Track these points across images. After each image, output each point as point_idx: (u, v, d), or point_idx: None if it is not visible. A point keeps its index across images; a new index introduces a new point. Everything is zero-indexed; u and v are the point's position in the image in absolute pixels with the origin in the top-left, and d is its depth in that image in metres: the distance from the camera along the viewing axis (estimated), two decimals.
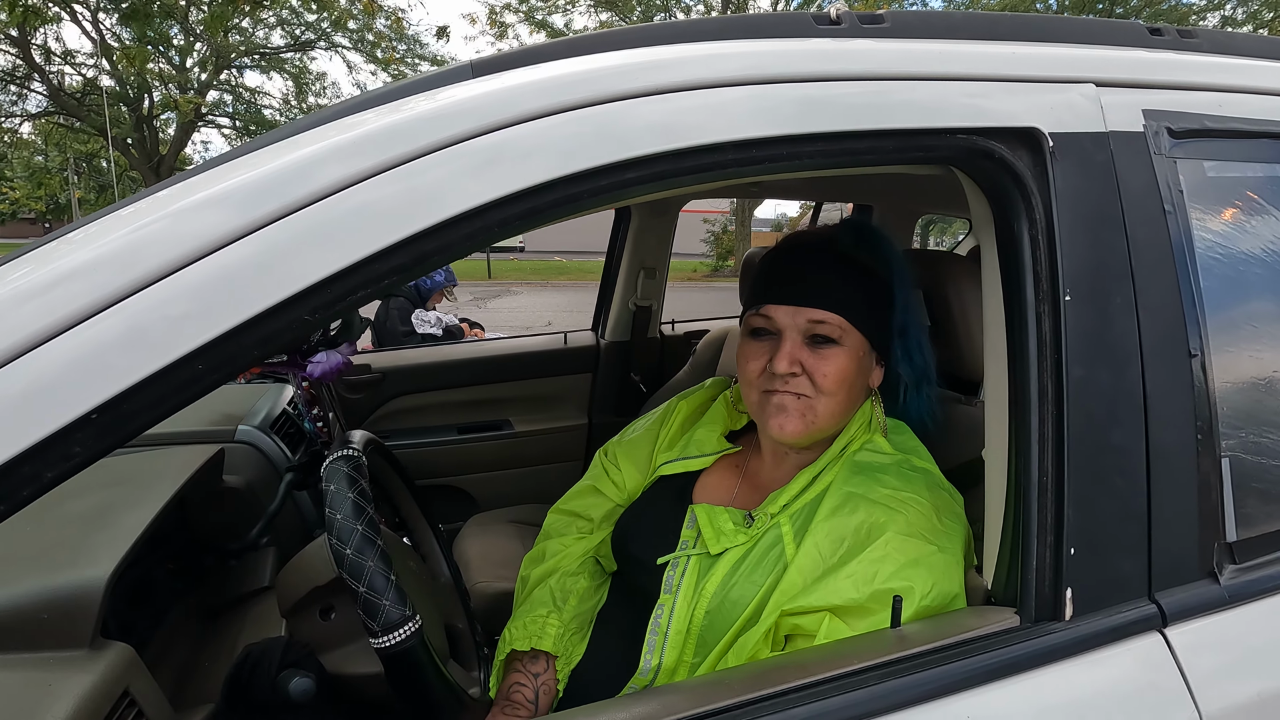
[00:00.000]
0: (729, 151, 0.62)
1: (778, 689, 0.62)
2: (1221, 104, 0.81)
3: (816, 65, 0.66)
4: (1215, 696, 0.68)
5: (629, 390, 2.34)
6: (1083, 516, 0.68)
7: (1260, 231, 0.81)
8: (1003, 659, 0.65)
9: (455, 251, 0.56)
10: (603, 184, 0.59)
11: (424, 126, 0.55)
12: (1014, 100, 0.71)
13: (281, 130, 0.60)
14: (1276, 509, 0.78)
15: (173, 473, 1.00)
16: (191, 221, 0.50)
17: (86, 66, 13.84)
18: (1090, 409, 0.69)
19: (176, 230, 0.50)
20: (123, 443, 0.48)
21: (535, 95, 0.58)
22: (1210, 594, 0.72)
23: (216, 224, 0.50)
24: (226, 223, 0.50)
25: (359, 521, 0.78)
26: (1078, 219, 0.70)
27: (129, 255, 0.48)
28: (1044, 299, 0.69)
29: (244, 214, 0.50)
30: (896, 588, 0.75)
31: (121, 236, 0.50)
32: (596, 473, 1.11)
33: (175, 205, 0.52)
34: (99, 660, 0.68)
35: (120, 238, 0.50)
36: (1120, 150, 0.73)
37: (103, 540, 0.82)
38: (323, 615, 0.87)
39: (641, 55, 0.63)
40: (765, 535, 0.86)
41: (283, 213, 0.51)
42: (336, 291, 0.53)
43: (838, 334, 0.87)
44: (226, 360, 0.50)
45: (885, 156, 0.69)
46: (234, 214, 0.50)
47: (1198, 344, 0.73)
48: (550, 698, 0.94)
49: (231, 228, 0.50)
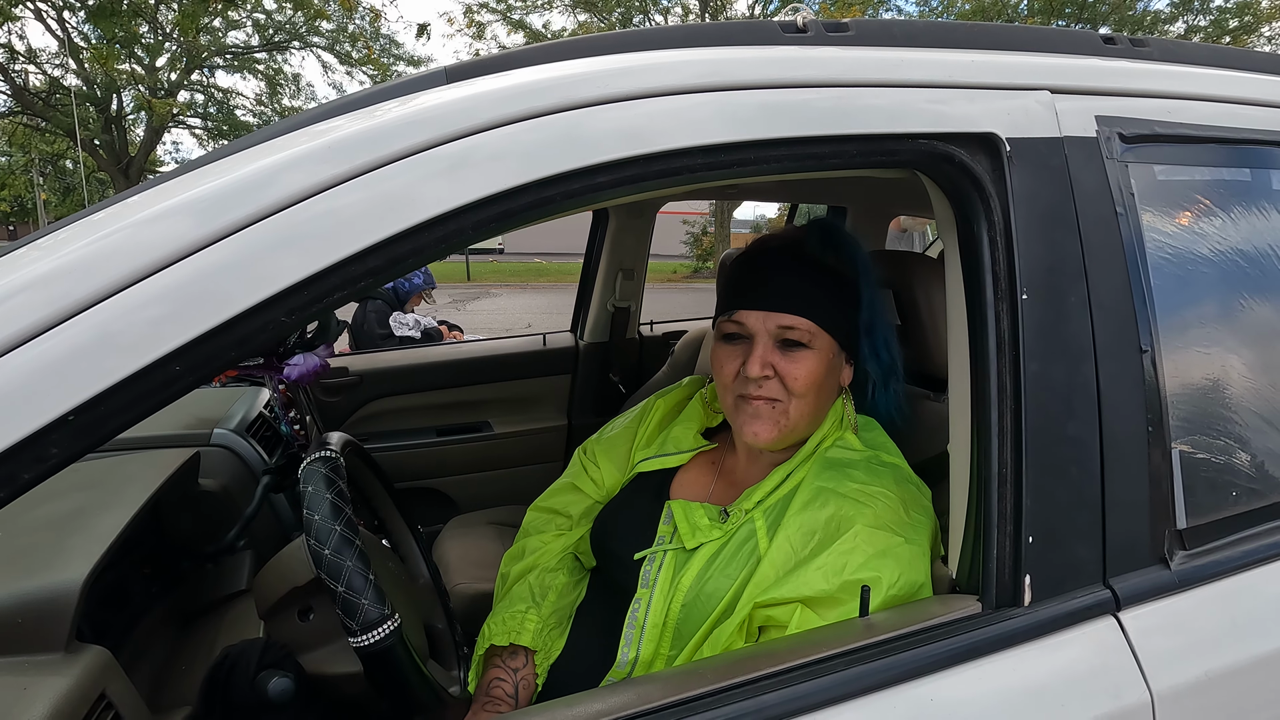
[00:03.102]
0: (697, 156, 0.63)
1: (749, 677, 0.64)
2: (1171, 110, 0.84)
3: (782, 72, 0.68)
4: (1165, 676, 0.71)
5: (608, 391, 2.35)
6: (1040, 506, 0.71)
7: (1208, 233, 0.85)
8: (964, 644, 0.68)
9: (430, 254, 0.58)
10: (574, 188, 0.60)
11: (394, 133, 0.56)
12: (973, 106, 0.73)
13: (257, 135, 0.61)
14: (1224, 497, 0.81)
15: (147, 477, 0.99)
16: (167, 226, 0.51)
17: (52, 65, 13.54)
18: (1047, 403, 0.72)
19: (148, 235, 0.50)
20: (100, 444, 0.48)
21: (501, 103, 0.59)
22: (1161, 579, 0.75)
23: (191, 228, 0.51)
24: (201, 226, 0.51)
25: (337, 522, 0.79)
26: (1034, 221, 0.73)
27: (103, 259, 0.49)
28: (1002, 297, 0.72)
29: (219, 218, 0.51)
30: (865, 578, 0.77)
31: (95, 241, 0.50)
32: (575, 470, 1.12)
33: (152, 210, 0.52)
34: (75, 664, 0.68)
35: (94, 242, 0.50)
36: (1074, 155, 0.76)
37: (77, 544, 0.81)
38: (301, 616, 0.87)
39: (610, 62, 0.65)
40: (739, 530, 0.88)
41: (257, 216, 0.52)
42: (313, 293, 0.54)
43: (807, 338, 0.89)
44: (204, 361, 0.51)
45: (849, 160, 0.71)
46: (208, 218, 0.51)
47: (1148, 340, 0.76)
48: (529, 692, 0.95)
49: (208, 231, 0.51)
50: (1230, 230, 0.85)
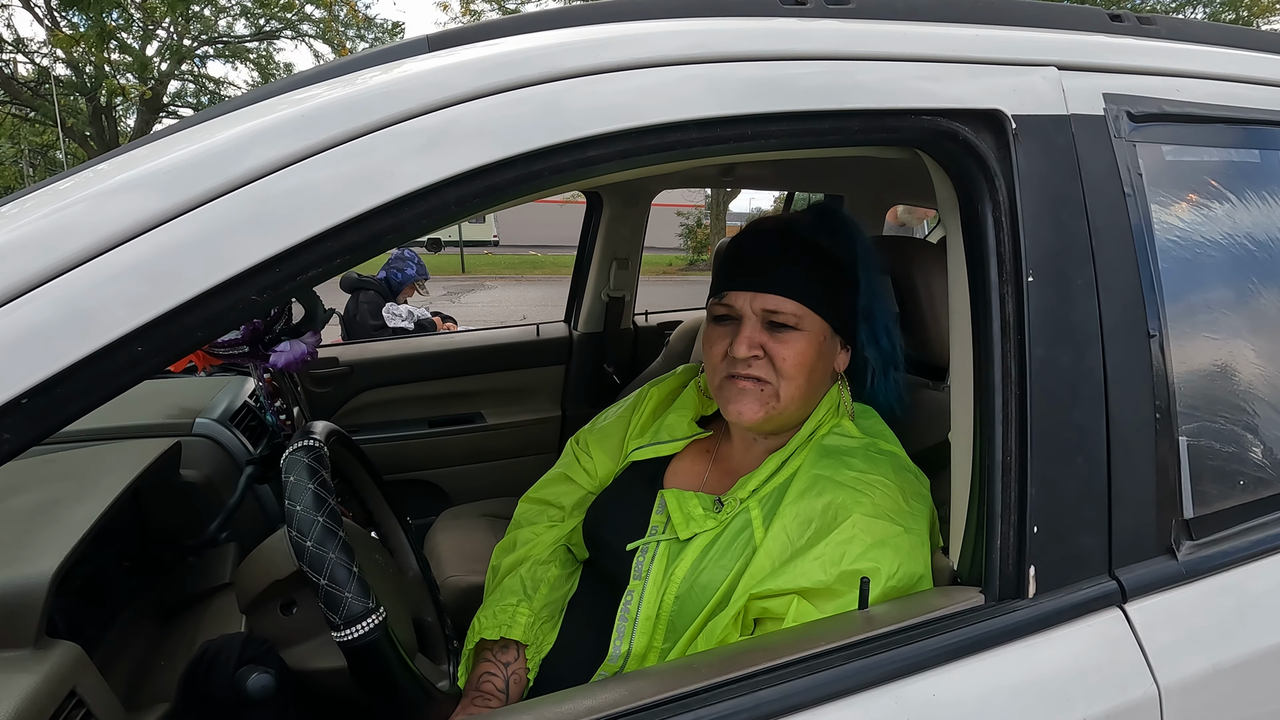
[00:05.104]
0: (690, 130, 0.61)
1: (745, 672, 0.62)
2: (1180, 89, 0.82)
3: (780, 44, 0.66)
4: (1172, 669, 0.69)
5: (602, 382, 2.33)
6: (1045, 496, 0.69)
7: (1217, 214, 0.82)
8: (967, 637, 0.66)
9: (410, 231, 0.55)
10: (560, 162, 0.58)
11: (374, 103, 0.54)
12: (977, 82, 0.71)
13: (223, 106, 0.58)
14: (1233, 486, 0.79)
15: (124, 467, 0.96)
16: (123, 200, 0.48)
17: (40, 55, 13.37)
18: (1052, 389, 0.69)
19: (105, 209, 0.48)
20: (56, 429, 0.45)
21: (482, 73, 0.57)
22: (1168, 570, 0.73)
23: (150, 203, 0.48)
24: (161, 201, 0.48)
25: (320, 513, 0.76)
26: (1040, 201, 0.71)
27: (58, 234, 0.46)
28: (1007, 280, 0.70)
29: (182, 191, 0.48)
30: (863, 569, 0.75)
31: (52, 213, 0.47)
32: (568, 460, 1.10)
33: (112, 181, 0.49)
34: (44, 660, 0.66)
35: (51, 214, 0.47)
36: (1081, 133, 0.74)
37: (48, 537, 0.79)
38: (284, 610, 0.84)
39: (601, 31, 0.62)
40: (734, 520, 0.86)
41: (222, 190, 0.49)
42: (286, 271, 0.51)
43: (794, 320, 0.87)
44: (169, 342, 0.48)
45: (850, 137, 0.69)
46: (169, 192, 0.48)
47: (1156, 325, 0.74)
48: (521, 687, 0.93)
49: (168, 205, 0.48)
50: (1240, 212, 0.83)
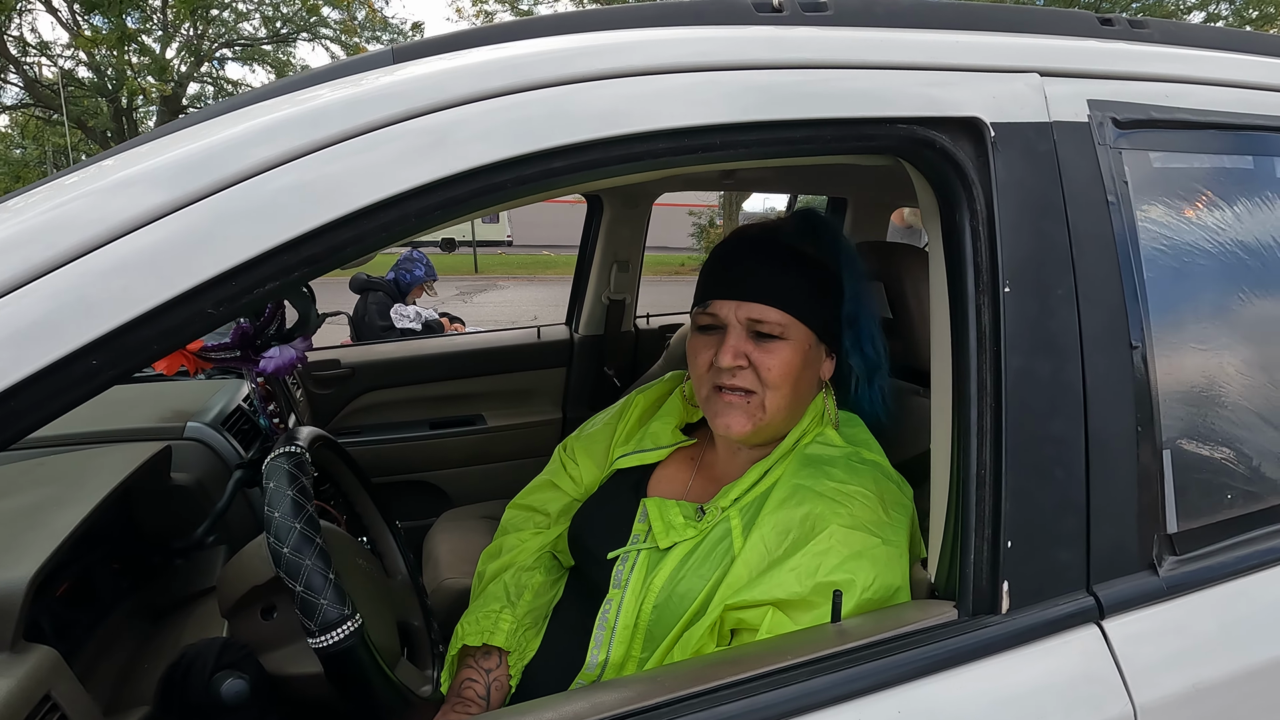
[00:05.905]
0: (659, 140, 0.60)
1: (709, 686, 0.61)
2: (1170, 95, 0.80)
3: (756, 53, 0.65)
4: (1150, 688, 0.67)
5: (603, 384, 2.33)
6: (1021, 509, 0.68)
7: (1206, 223, 0.81)
8: (938, 653, 0.65)
9: (398, 232, 0.55)
10: (531, 172, 0.58)
11: (374, 104, 0.54)
12: (956, 90, 0.70)
13: (216, 107, 0.59)
14: (1218, 500, 0.78)
15: (112, 470, 0.97)
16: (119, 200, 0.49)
17: (63, 58, 13.60)
18: (1029, 400, 0.68)
19: (77, 212, 0.48)
20: (10, 444, 0.46)
21: (473, 79, 0.57)
22: (1149, 586, 0.71)
23: (134, 202, 0.49)
24: (147, 199, 0.48)
25: (297, 519, 0.77)
26: (1019, 210, 0.70)
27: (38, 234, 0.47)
28: (984, 290, 0.69)
29: (174, 189, 0.49)
30: (839, 580, 0.74)
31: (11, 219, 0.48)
32: (555, 468, 1.10)
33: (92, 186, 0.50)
34: (19, 664, 0.67)
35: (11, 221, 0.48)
36: (1064, 141, 0.73)
37: (29, 541, 0.79)
38: (264, 615, 0.85)
39: (570, 42, 0.62)
40: (715, 529, 0.85)
41: (211, 189, 0.49)
42: (265, 271, 0.51)
43: (779, 330, 0.86)
44: (126, 354, 0.48)
45: (824, 146, 0.68)
46: (159, 191, 0.49)
47: (1139, 336, 0.73)
48: (503, 693, 0.93)
49: (154, 204, 0.48)
50: (1230, 221, 0.81)
